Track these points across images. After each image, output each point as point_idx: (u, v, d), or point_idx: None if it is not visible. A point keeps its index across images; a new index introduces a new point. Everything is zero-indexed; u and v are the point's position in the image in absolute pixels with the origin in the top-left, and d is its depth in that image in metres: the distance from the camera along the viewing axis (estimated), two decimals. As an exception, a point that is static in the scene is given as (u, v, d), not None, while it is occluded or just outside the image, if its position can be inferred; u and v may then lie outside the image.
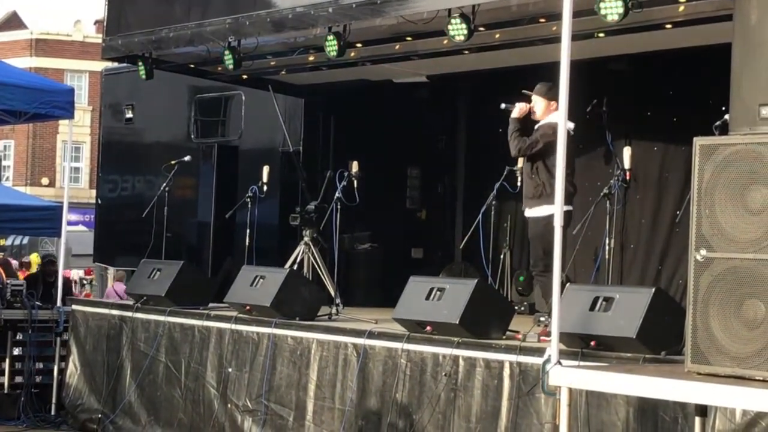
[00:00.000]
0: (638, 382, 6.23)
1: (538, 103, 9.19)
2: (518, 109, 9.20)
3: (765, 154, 5.85)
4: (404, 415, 8.85)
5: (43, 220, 14.42)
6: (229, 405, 10.38)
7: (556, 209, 7.05)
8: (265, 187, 12.61)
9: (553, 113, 8.93)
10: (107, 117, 16.96)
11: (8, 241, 33.52)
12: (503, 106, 9.27)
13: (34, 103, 12.43)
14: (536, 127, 9.17)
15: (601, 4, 8.32)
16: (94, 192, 21.98)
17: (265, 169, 12.70)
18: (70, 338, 12.40)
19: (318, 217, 11.83)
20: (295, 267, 11.56)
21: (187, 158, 13.37)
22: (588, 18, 8.78)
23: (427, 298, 8.96)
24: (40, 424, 12.19)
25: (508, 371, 8.14)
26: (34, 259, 23.72)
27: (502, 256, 12.76)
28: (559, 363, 6.84)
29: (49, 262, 15.53)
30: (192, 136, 15.09)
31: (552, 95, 8.79)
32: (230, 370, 10.44)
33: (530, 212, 9.27)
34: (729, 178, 6.00)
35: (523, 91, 9.28)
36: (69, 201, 13.48)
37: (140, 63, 12.41)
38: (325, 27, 10.43)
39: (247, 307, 10.56)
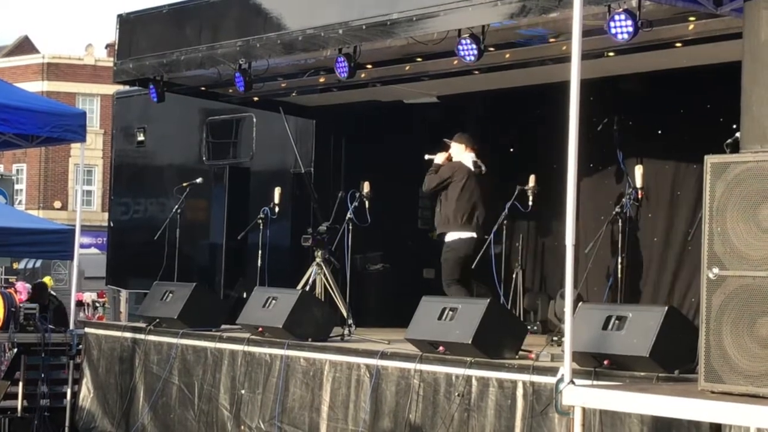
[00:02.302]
0: (652, 401, 6.22)
1: (454, 148, 10.85)
2: (439, 158, 10.87)
3: (776, 171, 5.85)
4: (418, 436, 8.84)
5: (55, 244, 14.43)
6: (242, 427, 10.37)
7: (568, 226, 7.06)
8: (276, 209, 12.63)
9: (466, 154, 10.77)
10: (119, 140, 16.98)
11: (21, 265, 33.49)
12: (427, 157, 10.98)
13: (47, 127, 12.43)
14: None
15: (611, 24, 8.32)
16: (106, 215, 22.00)
17: (277, 191, 12.73)
18: (83, 361, 12.42)
19: (330, 237, 11.85)
20: (308, 288, 11.57)
21: (198, 180, 13.42)
22: (598, 37, 8.79)
23: (440, 318, 8.96)
24: (54, 447, 12.22)
25: (521, 391, 8.13)
26: (48, 282, 23.74)
27: (514, 276, 12.71)
28: (573, 382, 6.84)
29: (38, 287, 15.59)
30: (203, 158, 15.11)
31: (463, 141, 10.83)
32: (243, 391, 10.43)
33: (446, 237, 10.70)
34: (741, 195, 5.99)
35: (444, 140, 10.94)
36: (81, 224, 13.49)
37: (151, 86, 12.46)
38: (335, 48, 10.46)
39: (260, 329, 10.56)
